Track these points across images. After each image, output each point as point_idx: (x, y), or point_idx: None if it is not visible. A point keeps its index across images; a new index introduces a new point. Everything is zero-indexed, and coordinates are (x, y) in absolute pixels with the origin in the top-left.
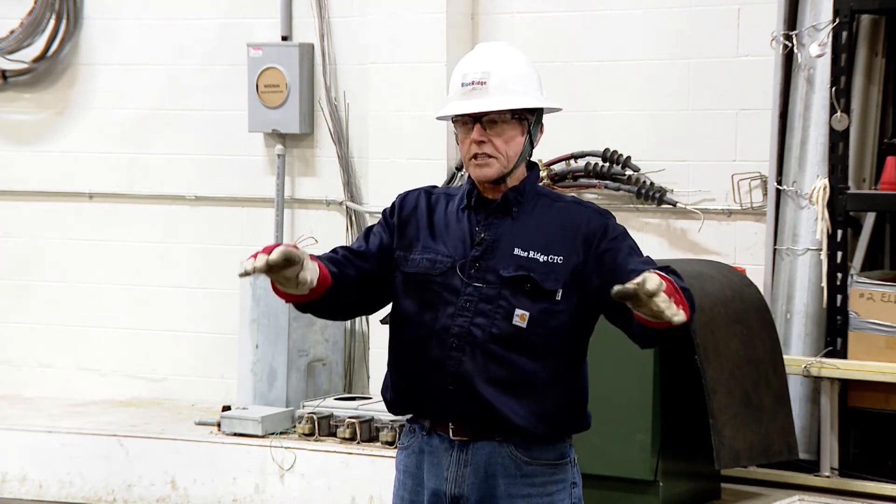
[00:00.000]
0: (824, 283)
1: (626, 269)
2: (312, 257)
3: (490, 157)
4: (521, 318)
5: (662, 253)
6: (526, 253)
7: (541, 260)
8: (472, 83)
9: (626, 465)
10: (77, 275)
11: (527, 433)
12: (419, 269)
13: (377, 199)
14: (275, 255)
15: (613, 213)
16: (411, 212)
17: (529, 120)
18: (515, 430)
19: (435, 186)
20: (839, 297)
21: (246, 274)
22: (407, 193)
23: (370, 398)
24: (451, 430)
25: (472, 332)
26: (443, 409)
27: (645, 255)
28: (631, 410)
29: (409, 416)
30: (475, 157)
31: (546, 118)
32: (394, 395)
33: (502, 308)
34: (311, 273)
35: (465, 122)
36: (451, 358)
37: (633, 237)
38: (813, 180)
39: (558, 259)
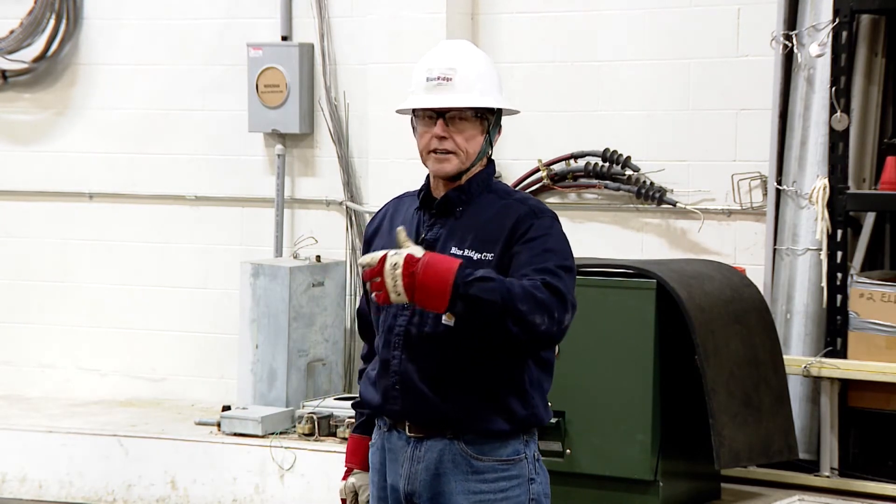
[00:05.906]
0: (824, 283)
1: (515, 274)
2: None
3: (450, 152)
4: (448, 316)
5: (662, 253)
6: (461, 251)
7: (474, 258)
8: (438, 78)
9: (626, 465)
10: (77, 275)
11: (475, 428)
12: None
13: (377, 199)
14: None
15: (613, 213)
16: (376, 229)
17: (490, 120)
18: (463, 426)
19: (410, 191)
20: (839, 297)
21: None
22: (377, 213)
23: None
24: (407, 427)
25: (409, 330)
26: (395, 408)
27: (558, 259)
28: (631, 410)
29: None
30: (434, 151)
31: (546, 118)
32: (362, 396)
33: None
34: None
35: (428, 116)
36: (394, 357)
37: (632, 237)
38: (813, 180)
39: (489, 256)
